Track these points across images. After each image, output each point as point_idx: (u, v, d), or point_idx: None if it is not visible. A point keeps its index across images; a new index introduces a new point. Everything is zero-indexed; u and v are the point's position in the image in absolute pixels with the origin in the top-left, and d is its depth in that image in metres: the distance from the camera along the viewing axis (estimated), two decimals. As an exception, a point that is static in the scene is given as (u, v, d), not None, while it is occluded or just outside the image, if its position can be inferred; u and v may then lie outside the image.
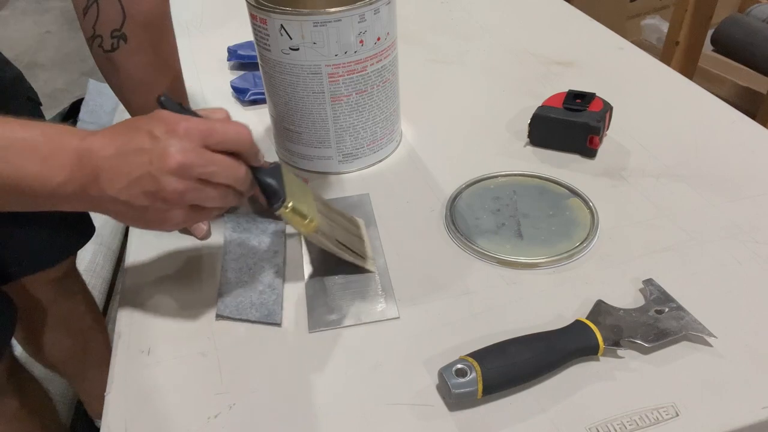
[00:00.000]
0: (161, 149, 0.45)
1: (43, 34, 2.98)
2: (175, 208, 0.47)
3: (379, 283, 0.58)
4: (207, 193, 0.47)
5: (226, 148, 0.48)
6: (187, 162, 0.45)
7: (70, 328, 1.03)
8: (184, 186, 0.46)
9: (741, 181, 0.67)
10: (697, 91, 0.85)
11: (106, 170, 0.45)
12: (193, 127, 0.46)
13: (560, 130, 0.73)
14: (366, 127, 0.71)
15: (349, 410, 0.48)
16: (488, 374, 0.46)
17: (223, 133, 0.47)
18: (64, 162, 0.45)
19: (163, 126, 0.46)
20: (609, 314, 0.52)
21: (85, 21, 0.58)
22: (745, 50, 1.81)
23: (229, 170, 0.48)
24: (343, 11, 0.62)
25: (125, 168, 0.45)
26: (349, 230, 0.61)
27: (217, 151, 0.47)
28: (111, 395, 0.50)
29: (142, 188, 0.45)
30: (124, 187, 0.45)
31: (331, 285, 0.58)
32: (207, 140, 0.46)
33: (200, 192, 0.47)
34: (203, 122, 0.47)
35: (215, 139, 0.47)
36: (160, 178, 0.45)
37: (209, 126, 0.47)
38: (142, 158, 0.45)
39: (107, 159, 0.45)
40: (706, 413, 0.46)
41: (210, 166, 0.46)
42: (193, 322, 0.56)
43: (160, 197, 0.46)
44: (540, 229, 0.63)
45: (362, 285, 0.58)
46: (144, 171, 0.45)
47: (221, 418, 0.48)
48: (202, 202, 0.48)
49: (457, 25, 1.07)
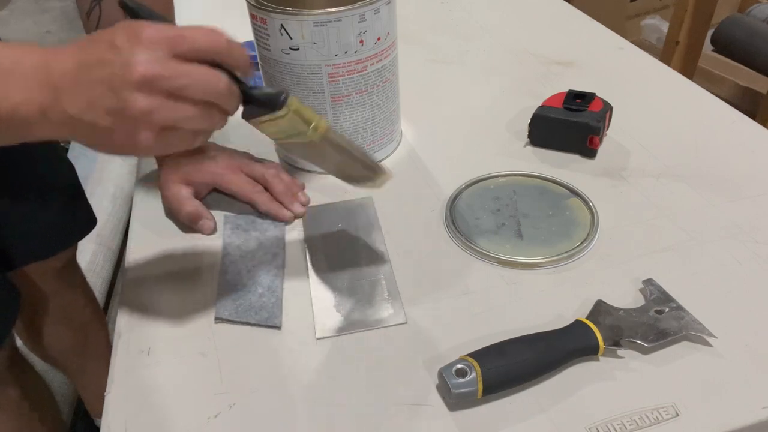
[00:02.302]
0: (123, 60, 0.39)
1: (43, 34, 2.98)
2: (143, 129, 0.41)
3: (386, 287, 0.58)
4: (181, 111, 0.41)
5: (200, 56, 0.41)
6: (152, 73, 0.39)
7: (71, 320, 1.04)
8: (150, 102, 0.40)
9: (741, 181, 0.67)
10: (697, 91, 0.85)
11: (65, 88, 0.40)
12: (158, 33, 0.40)
13: (560, 130, 0.73)
14: (366, 127, 0.71)
15: (349, 410, 0.48)
16: (488, 374, 0.46)
17: (192, 37, 0.41)
18: (20, 79, 0.40)
19: (125, 34, 0.40)
20: (609, 314, 0.52)
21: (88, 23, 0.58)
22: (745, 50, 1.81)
23: (205, 81, 0.41)
24: (343, 11, 0.62)
25: (85, 84, 0.40)
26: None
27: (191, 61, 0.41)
28: (111, 395, 0.50)
29: (105, 106, 0.40)
30: (86, 105, 0.40)
31: (338, 289, 0.58)
32: (176, 48, 0.40)
33: (172, 110, 0.41)
34: (171, 28, 0.41)
35: (186, 46, 0.41)
36: (122, 94, 0.39)
37: (177, 32, 0.41)
38: (102, 72, 0.40)
39: (66, 75, 0.40)
40: (706, 413, 0.46)
41: (180, 77, 0.40)
42: (193, 323, 0.56)
43: (126, 116, 0.40)
44: (540, 229, 0.63)
45: (369, 289, 0.58)
46: (105, 86, 0.39)
47: (221, 418, 0.48)
48: (177, 123, 0.42)
49: (457, 25, 1.07)
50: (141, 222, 0.68)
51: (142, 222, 0.68)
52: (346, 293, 0.58)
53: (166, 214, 0.68)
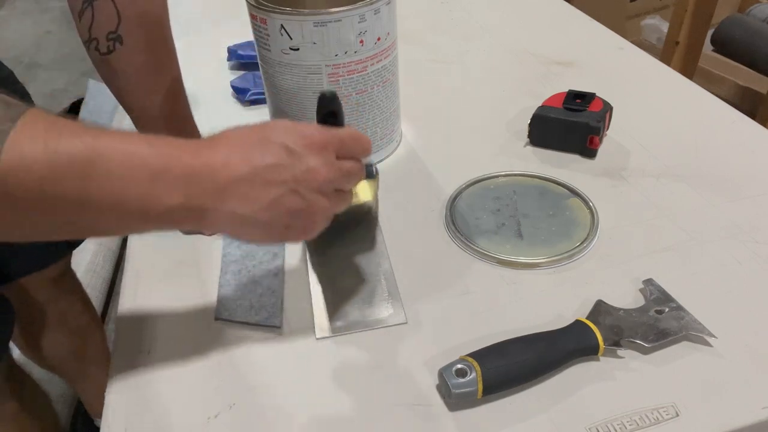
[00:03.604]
0: (305, 165, 0.43)
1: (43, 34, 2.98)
2: (320, 222, 0.46)
3: (386, 287, 0.58)
4: (339, 203, 0.48)
5: (352, 156, 0.48)
6: (331, 177, 0.45)
7: (68, 327, 1.04)
8: (329, 202, 0.46)
9: (741, 181, 0.67)
10: (697, 91, 0.85)
11: (237, 191, 0.41)
12: (327, 138, 0.45)
13: (560, 130, 0.73)
14: (366, 127, 0.71)
15: (349, 410, 0.48)
16: (488, 374, 0.46)
17: (351, 143, 0.47)
18: (177, 180, 0.40)
19: (299, 138, 0.44)
20: (609, 314, 0.52)
21: (80, 24, 0.58)
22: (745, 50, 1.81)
23: (358, 177, 0.49)
24: (343, 11, 0.62)
25: (264, 184, 0.42)
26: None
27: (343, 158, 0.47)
28: (111, 395, 0.50)
29: (287, 207, 0.43)
30: (264, 207, 0.42)
31: (338, 289, 0.58)
32: (339, 151, 0.46)
33: (339, 202, 0.47)
34: (332, 132, 0.46)
35: (345, 151, 0.47)
36: (307, 197, 0.44)
37: (340, 138, 0.46)
38: (283, 175, 0.43)
39: (237, 180, 0.41)
40: (706, 413, 0.46)
41: (346, 177, 0.47)
42: (193, 323, 0.56)
43: (309, 213, 0.45)
44: (540, 229, 0.63)
45: (369, 290, 0.58)
46: (287, 189, 0.43)
47: (221, 418, 0.48)
48: (337, 211, 0.48)
49: (457, 25, 1.07)
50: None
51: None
52: (346, 293, 0.58)
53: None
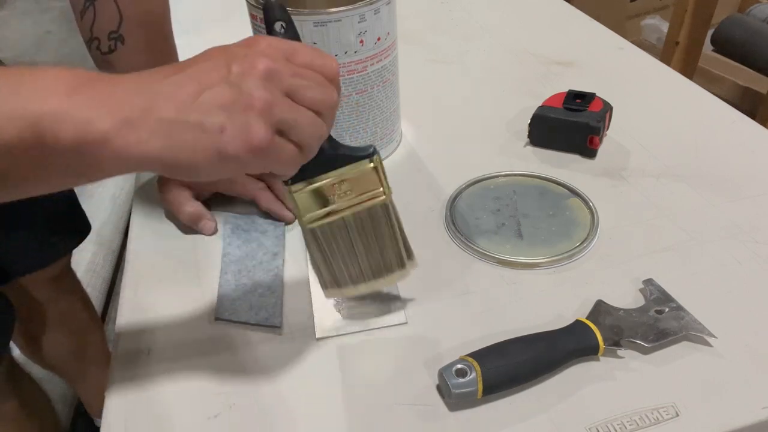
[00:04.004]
0: (243, 54, 0.37)
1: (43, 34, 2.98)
2: (260, 121, 0.37)
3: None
4: (297, 113, 0.38)
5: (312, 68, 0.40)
6: (276, 67, 0.37)
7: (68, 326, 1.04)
8: (272, 95, 0.37)
9: (741, 181, 0.67)
10: (697, 91, 0.85)
11: (165, 93, 0.36)
12: (276, 43, 0.39)
13: (560, 130, 0.73)
14: (366, 127, 0.71)
15: (349, 410, 0.48)
16: (488, 374, 0.46)
17: (309, 53, 0.40)
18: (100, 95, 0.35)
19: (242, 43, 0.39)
20: (609, 314, 0.52)
21: (82, 24, 0.58)
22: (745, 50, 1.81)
23: (321, 89, 0.39)
24: (343, 11, 0.62)
25: (193, 83, 0.36)
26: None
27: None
28: (111, 395, 0.50)
29: (218, 100, 0.36)
30: (192, 102, 0.36)
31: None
32: (293, 58, 0.39)
33: (290, 108, 0.38)
34: (287, 41, 0.40)
35: (300, 59, 0.39)
36: (242, 86, 0.36)
37: (294, 45, 0.40)
38: (216, 70, 0.37)
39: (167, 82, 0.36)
40: (706, 413, 0.46)
41: (299, 77, 0.38)
42: (193, 322, 0.56)
43: (241, 104, 0.36)
44: (540, 229, 0.63)
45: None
46: (220, 79, 0.36)
47: (221, 418, 0.48)
48: (290, 126, 0.38)
49: (457, 25, 1.07)
50: (141, 222, 0.68)
51: (142, 222, 0.68)
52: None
53: (166, 215, 0.68)
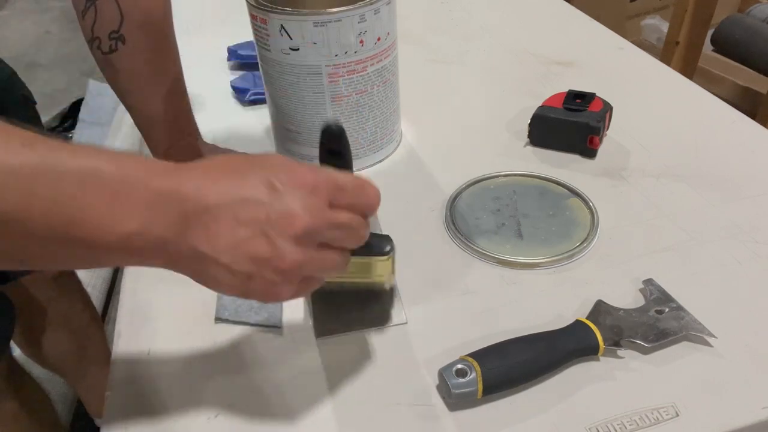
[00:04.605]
0: (284, 206, 0.35)
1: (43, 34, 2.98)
2: (288, 283, 0.37)
3: None
4: (328, 262, 0.38)
5: (353, 209, 0.39)
6: (314, 227, 0.36)
7: (69, 326, 1.04)
8: (304, 256, 0.36)
9: (741, 181, 0.67)
10: (697, 91, 0.85)
11: (200, 222, 0.35)
12: (321, 180, 0.37)
13: (560, 130, 0.73)
14: (366, 127, 0.71)
15: (349, 410, 0.48)
16: (488, 374, 0.46)
17: (353, 193, 0.39)
18: (139, 204, 0.34)
19: (286, 175, 0.36)
20: (609, 314, 0.52)
21: (84, 23, 0.58)
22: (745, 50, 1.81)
23: (356, 233, 0.39)
24: (343, 11, 0.62)
25: (232, 220, 0.35)
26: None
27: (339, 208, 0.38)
28: (111, 395, 0.50)
29: (252, 252, 0.35)
30: (228, 247, 0.35)
31: (338, 289, 0.58)
32: (335, 199, 0.37)
33: (321, 262, 0.38)
34: (331, 175, 0.38)
35: (344, 200, 0.38)
36: (277, 244, 0.35)
37: (339, 182, 0.38)
38: (256, 213, 0.35)
39: (206, 209, 0.35)
40: (706, 413, 0.46)
41: (337, 229, 0.38)
42: (193, 323, 0.56)
43: (272, 266, 0.36)
44: (540, 229, 0.63)
45: (369, 290, 0.57)
46: (257, 230, 0.35)
47: (221, 418, 0.48)
48: (317, 273, 0.39)
49: (457, 25, 1.07)
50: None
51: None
52: (346, 293, 0.58)
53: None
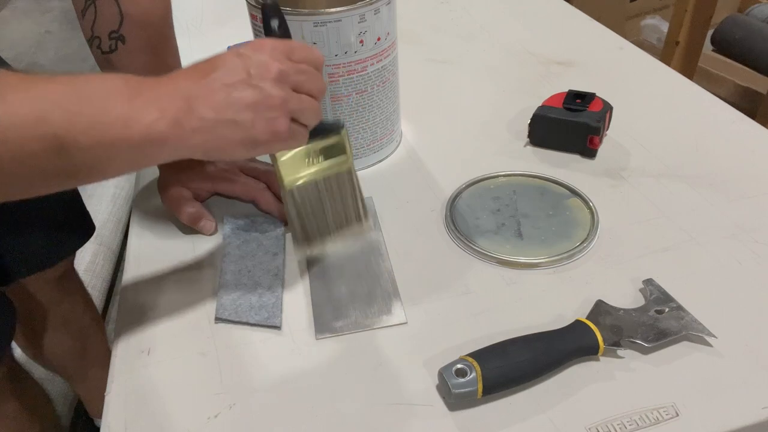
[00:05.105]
0: (257, 61, 0.46)
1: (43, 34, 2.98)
2: (281, 116, 0.47)
3: (386, 287, 0.58)
4: (305, 102, 0.49)
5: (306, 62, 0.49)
6: (285, 68, 0.47)
7: (70, 326, 1.04)
8: (285, 92, 0.47)
9: (741, 181, 0.67)
10: (697, 91, 0.85)
11: (200, 96, 0.44)
12: (277, 44, 0.48)
13: (560, 130, 0.73)
14: (366, 127, 0.71)
15: (349, 410, 0.48)
16: (488, 374, 0.46)
17: (302, 50, 0.49)
18: (151, 99, 0.43)
19: (248, 46, 0.47)
20: (609, 314, 0.52)
21: (83, 22, 0.58)
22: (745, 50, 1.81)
23: (316, 79, 0.49)
24: (343, 11, 0.62)
25: (222, 86, 0.45)
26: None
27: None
28: (111, 395, 0.50)
29: (245, 101, 0.45)
30: (225, 105, 0.45)
31: (337, 289, 0.58)
32: (291, 55, 0.48)
33: (299, 100, 0.48)
34: (283, 41, 0.49)
35: (296, 55, 0.48)
36: (262, 86, 0.45)
37: (290, 44, 0.49)
38: (237, 74, 0.45)
39: (198, 85, 0.45)
40: (706, 413, 0.46)
41: (301, 73, 0.48)
42: (193, 323, 0.56)
43: (266, 105, 0.46)
44: (540, 229, 0.63)
45: (369, 290, 0.58)
46: (244, 84, 0.45)
47: (221, 418, 0.48)
48: (299, 114, 0.48)
49: (457, 25, 1.07)
50: (141, 222, 0.68)
51: (142, 222, 0.68)
52: (346, 293, 0.58)
53: (166, 215, 0.68)
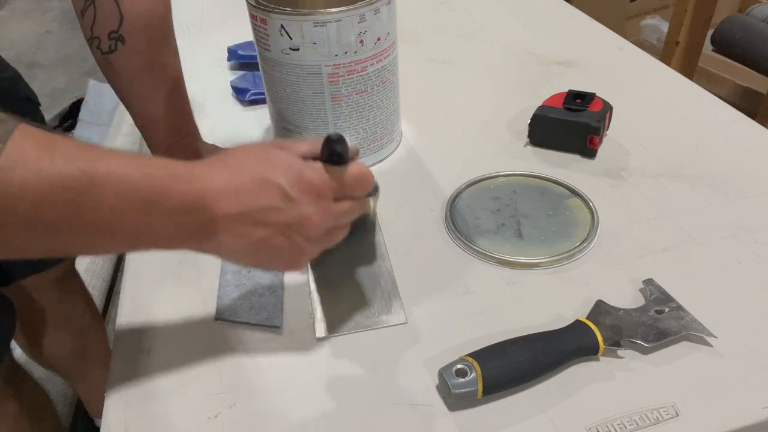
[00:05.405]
0: (299, 213, 0.43)
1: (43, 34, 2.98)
2: (304, 261, 0.47)
3: (386, 287, 0.58)
4: (335, 239, 0.48)
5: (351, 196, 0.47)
6: (325, 225, 0.45)
7: (70, 327, 1.04)
8: (318, 245, 0.46)
9: (741, 181, 0.67)
10: (697, 91, 0.85)
11: (227, 227, 0.41)
12: (327, 183, 0.45)
13: (560, 130, 0.73)
14: (366, 127, 0.71)
15: (349, 410, 0.48)
16: (488, 374, 0.46)
17: (353, 187, 0.47)
18: (166, 213, 0.39)
19: (297, 182, 0.43)
20: (609, 314, 0.52)
21: (83, 22, 0.58)
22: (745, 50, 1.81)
23: (356, 213, 0.49)
24: (343, 11, 0.62)
25: (253, 226, 0.42)
26: None
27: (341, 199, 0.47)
28: (111, 395, 0.50)
29: (273, 248, 0.44)
30: (252, 244, 0.43)
31: (338, 289, 0.58)
32: (339, 194, 0.46)
33: (329, 241, 0.47)
34: (334, 176, 0.45)
35: (345, 192, 0.46)
36: (295, 241, 0.44)
37: (342, 181, 0.46)
38: (274, 218, 0.43)
39: (229, 217, 0.41)
40: (706, 413, 0.46)
41: (341, 219, 0.47)
42: (193, 323, 0.56)
43: (291, 255, 0.45)
44: (540, 229, 0.63)
45: (369, 290, 0.58)
46: (277, 231, 0.43)
47: (221, 418, 0.48)
48: (327, 247, 0.48)
49: (457, 25, 1.07)
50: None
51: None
52: (346, 293, 0.58)
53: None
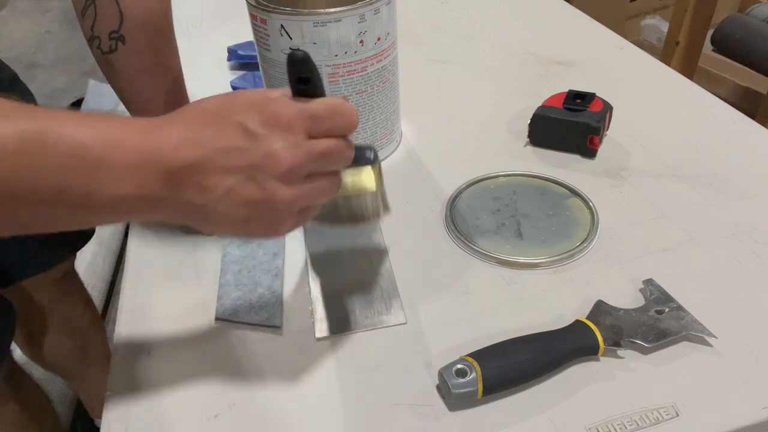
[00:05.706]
0: (264, 150, 0.37)
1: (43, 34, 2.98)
2: (286, 218, 0.40)
3: (386, 287, 0.58)
4: (317, 189, 0.40)
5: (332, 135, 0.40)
6: (298, 162, 0.38)
7: (70, 327, 1.04)
8: (294, 192, 0.38)
9: (741, 181, 0.67)
10: (697, 91, 0.85)
11: (189, 179, 0.37)
12: (296, 116, 0.38)
13: (560, 130, 0.73)
14: (366, 127, 0.71)
15: (349, 410, 0.48)
16: (488, 374, 0.46)
17: (330, 119, 0.40)
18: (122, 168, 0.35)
19: (260, 116, 0.37)
20: (609, 314, 0.52)
21: (83, 22, 0.58)
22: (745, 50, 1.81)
23: (339, 156, 0.41)
24: (343, 11, 0.62)
25: (216, 173, 0.37)
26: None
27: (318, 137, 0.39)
28: (111, 395, 0.50)
29: (243, 198, 0.37)
30: (218, 198, 0.37)
31: (337, 289, 0.58)
32: (313, 130, 0.39)
33: (311, 193, 0.40)
34: (303, 107, 0.39)
35: (322, 128, 0.39)
36: (266, 186, 0.37)
37: (313, 112, 0.39)
38: (238, 160, 0.37)
39: (189, 167, 0.36)
40: (706, 413, 0.46)
41: (320, 159, 0.39)
42: (193, 322, 0.56)
43: (267, 206, 0.38)
44: (540, 229, 0.63)
45: (369, 289, 0.58)
46: (244, 176, 0.37)
47: (221, 418, 0.48)
48: (312, 202, 0.41)
49: (457, 25, 1.07)
50: (141, 222, 0.68)
51: (142, 222, 0.68)
52: (345, 293, 0.58)
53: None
